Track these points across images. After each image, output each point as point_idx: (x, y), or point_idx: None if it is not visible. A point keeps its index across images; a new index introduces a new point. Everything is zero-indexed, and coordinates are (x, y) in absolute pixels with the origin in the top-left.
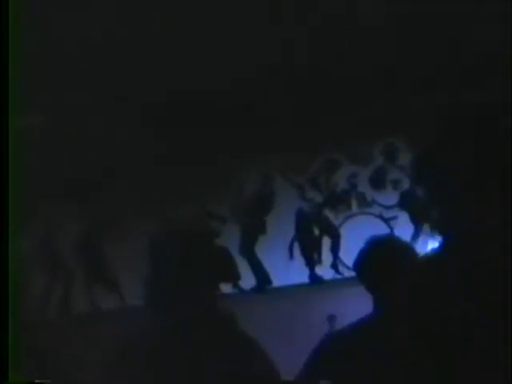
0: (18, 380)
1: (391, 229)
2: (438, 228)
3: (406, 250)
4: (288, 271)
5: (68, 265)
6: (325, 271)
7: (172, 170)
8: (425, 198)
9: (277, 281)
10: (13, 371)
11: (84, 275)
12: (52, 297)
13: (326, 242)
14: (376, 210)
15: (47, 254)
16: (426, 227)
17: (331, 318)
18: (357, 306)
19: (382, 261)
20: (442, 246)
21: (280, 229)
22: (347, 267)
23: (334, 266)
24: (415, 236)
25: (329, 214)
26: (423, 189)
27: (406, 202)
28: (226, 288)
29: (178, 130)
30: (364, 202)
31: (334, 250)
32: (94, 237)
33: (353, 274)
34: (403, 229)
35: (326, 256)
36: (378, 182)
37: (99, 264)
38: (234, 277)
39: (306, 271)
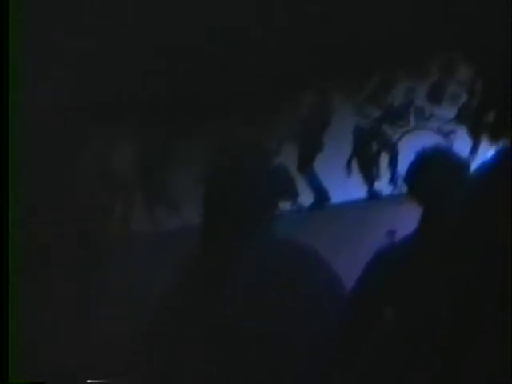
0: (17, 380)
1: (450, 143)
2: (495, 140)
3: (458, 163)
4: (346, 188)
5: (128, 187)
6: (383, 187)
7: (235, 93)
8: (483, 111)
9: (335, 197)
10: (13, 371)
11: (144, 198)
12: (112, 219)
13: (384, 158)
14: (434, 124)
15: (106, 177)
16: (484, 140)
17: (391, 233)
18: (416, 221)
19: (431, 173)
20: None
21: (338, 145)
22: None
23: (393, 182)
24: (474, 150)
25: (387, 129)
26: (481, 101)
27: (465, 116)
28: (284, 206)
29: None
30: (422, 117)
31: (392, 165)
32: (154, 159)
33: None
34: (462, 143)
35: (385, 172)
36: (435, 96)
37: (160, 187)
38: (292, 194)
39: (365, 187)
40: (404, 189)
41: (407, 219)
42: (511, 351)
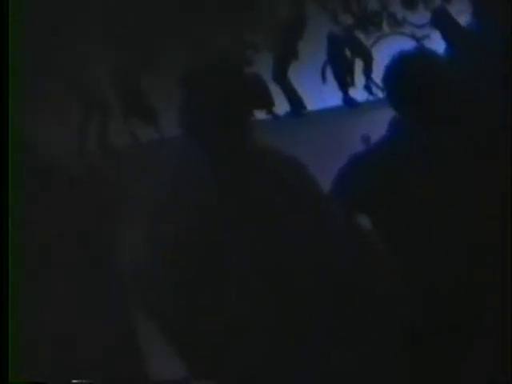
0: (17, 380)
1: (423, 48)
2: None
3: (437, 62)
4: (321, 95)
5: (104, 98)
6: (358, 93)
7: (211, 2)
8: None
9: (310, 105)
10: (13, 371)
11: (121, 108)
12: (89, 131)
13: (359, 64)
14: (407, 29)
15: (82, 89)
16: (457, 44)
17: (365, 138)
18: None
19: (407, 77)
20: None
21: (312, 53)
22: (380, 88)
23: (367, 88)
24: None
25: (360, 35)
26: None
27: (438, 20)
28: (260, 114)
29: None
30: (395, 22)
31: (367, 71)
32: (130, 69)
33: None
34: (435, 47)
35: (359, 78)
36: (409, 1)
37: (136, 96)
38: (267, 103)
39: (340, 94)
40: (379, 94)
41: (382, 124)
42: (511, 351)
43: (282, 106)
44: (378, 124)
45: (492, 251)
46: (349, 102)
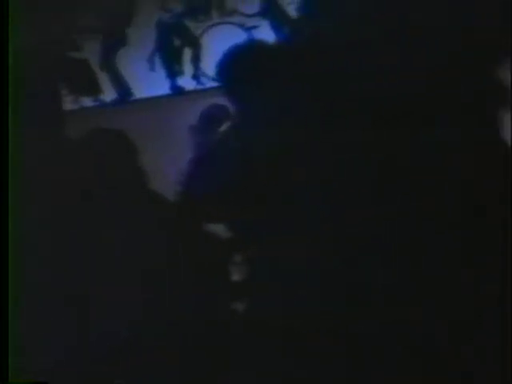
0: (17, 380)
1: (253, 38)
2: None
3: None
4: (149, 83)
5: None
6: (186, 82)
7: None
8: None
9: (138, 93)
10: (13, 371)
11: None
12: None
13: (187, 53)
14: (237, 19)
15: None
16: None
17: (193, 129)
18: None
19: (242, 64)
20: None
21: (141, 40)
22: (208, 77)
23: (196, 77)
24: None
25: (189, 24)
26: None
27: (268, 11)
28: (87, 102)
29: None
30: (224, 11)
31: (195, 60)
32: None
33: (214, 84)
34: (265, 37)
35: (188, 67)
36: None
37: None
38: (94, 90)
39: (168, 82)
40: (207, 83)
41: None
42: (511, 351)
43: (109, 93)
44: None
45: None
46: (177, 90)
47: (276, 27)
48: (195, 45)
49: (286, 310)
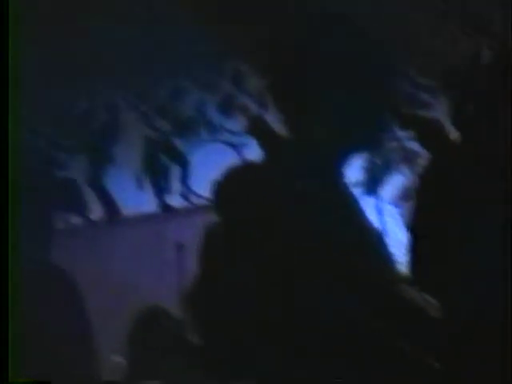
0: (17, 380)
1: (241, 155)
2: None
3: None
4: (137, 201)
5: None
6: (174, 200)
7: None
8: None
9: (126, 211)
10: (13, 371)
11: None
12: None
13: (175, 171)
14: (225, 136)
15: None
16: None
17: (179, 247)
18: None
19: (233, 187)
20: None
21: (128, 158)
22: (197, 195)
23: (184, 195)
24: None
25: (177, 142)
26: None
27: (255, 128)
28: (75, 220)
29: None
30: (213, 129)
31: (183, 178)
32: None
33: (202, 202)
34: (253, 155)
35: (176, 184)
36: (226, 108)
37: None
38: (82, 208)
39: (156, 200)
40: (195, 201)
41: (197, 232)
42: (511, 352)
43: (96, 211)
44: (193, 230)
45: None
46: (164, 208)
47: (263, 146)
48: (183, 162)
49: None
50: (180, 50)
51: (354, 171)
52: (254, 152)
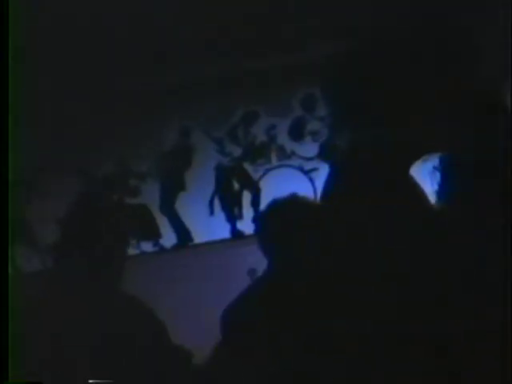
0: (18, 380)
1: (312, 181)
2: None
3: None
4: (209, 227)
5: None
6: (246, 226)
7: (93, 126)
8: (344, 149)
9: (198, 237)
10: (13, 371)
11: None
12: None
13: (247, 196)
14: (296, 162)
15: None
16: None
17: (251, 272)
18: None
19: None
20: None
21: (200, 184)
22: None
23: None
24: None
25: (248, 167)
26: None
27: (326, 154)
28: (146, 246)
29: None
30: (283, 155)
31: (255, 203)
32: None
33: None
34: (324, 180)
35: (247, 210)
36: (297, 133)
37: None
38: (154, 235)
39: (227, 226)
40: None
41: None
42: (511, 352)
43: (169, 238)
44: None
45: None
46: (236, 234)
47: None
48: (254, 188)
49: None
50: (251, 75)
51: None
52: (324, 177)
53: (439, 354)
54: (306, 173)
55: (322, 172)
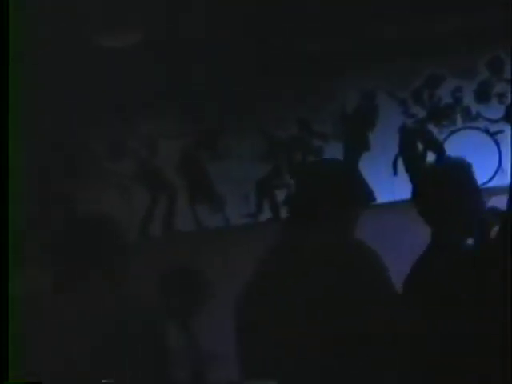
0: (18, 380)
1: (497, 143)
2: None
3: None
4: (392, 187)
5: (170, 184)
6: None
7: (273, 93)
8: None
9: (381, 197)
10: (13, 371)
11: (188, 194)
12: (155, 216)
13: (431, 158)
14: (481, 124)
15: (148, 175)
16: None
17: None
18: None
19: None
20: None
21: (383, 145)
22: None
23: None
24: None
25: (433, 129)
26: None
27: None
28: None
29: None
30: (469, 117)
31: (439, 165)
32: (196, 155)
33: None
34: (509, 142)
35: None
36: (482, 95)
37: (203, 183)
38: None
39: (410, 187)
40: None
41: None
42: (511, 352)
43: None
44: None
45: None
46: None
47: None
48: (439, 150)
49: None
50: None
51: None
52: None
53: (440, 354)
54: (492, 135)
55: (507, 134)
